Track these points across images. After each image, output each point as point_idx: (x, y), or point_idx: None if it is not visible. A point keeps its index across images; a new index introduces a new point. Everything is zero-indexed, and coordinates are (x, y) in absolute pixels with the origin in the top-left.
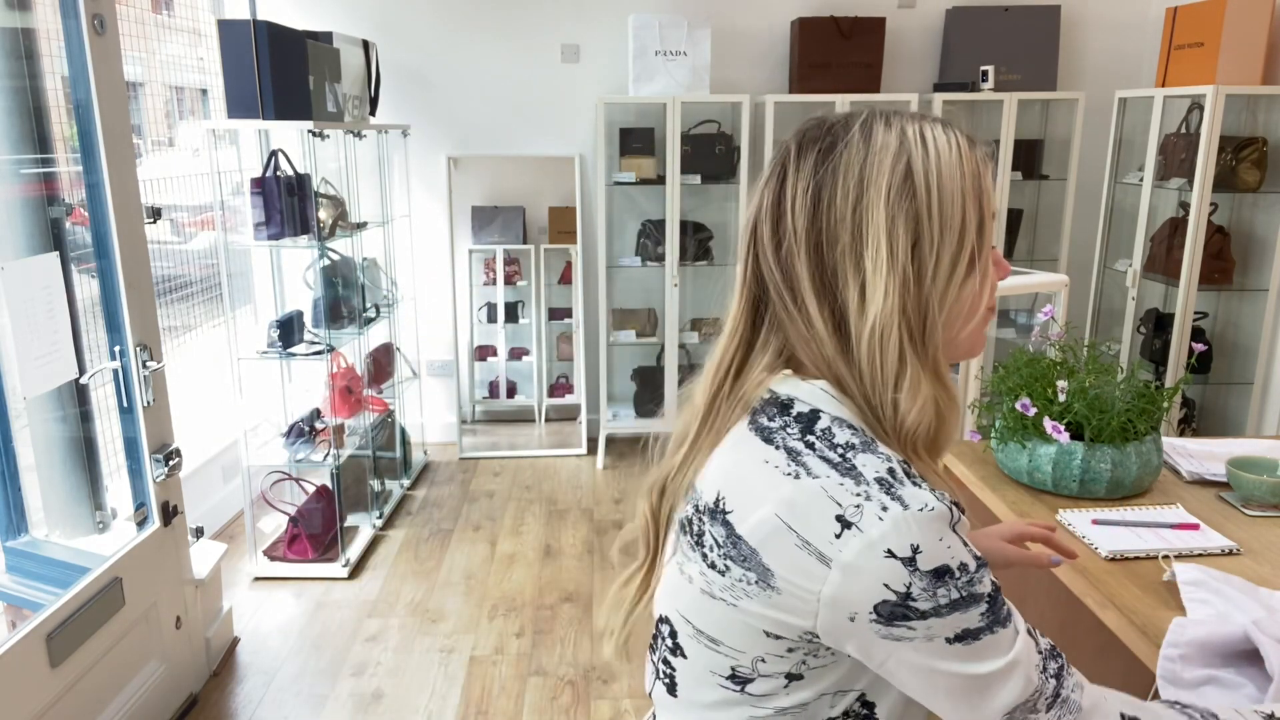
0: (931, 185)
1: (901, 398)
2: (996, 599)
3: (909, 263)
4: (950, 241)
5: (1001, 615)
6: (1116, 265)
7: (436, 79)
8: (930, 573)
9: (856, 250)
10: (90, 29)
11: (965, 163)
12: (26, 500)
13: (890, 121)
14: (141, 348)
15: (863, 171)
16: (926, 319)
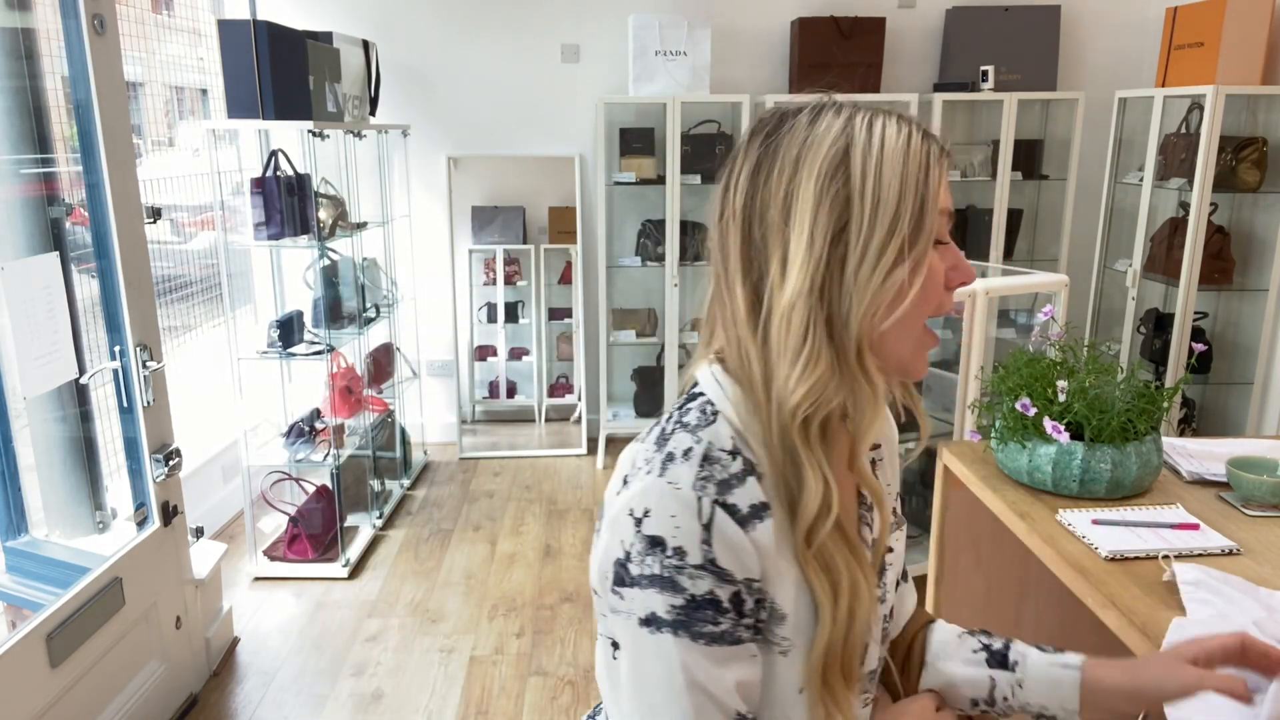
0: (869, 170)
1: (793, 376)
2: (702, 613)
3: (833, 244)
4: (880, 228)
5: (695, 630)
6: (1116, 265)
7: (436, 79)
8: (647, 538)
9: (783, 227)
10: (90, 29)
11: (912, 154)
12: (26, 500)
13: (841, 110)
14: (141, 348)
15: (800, 150)
16: (845, 304)
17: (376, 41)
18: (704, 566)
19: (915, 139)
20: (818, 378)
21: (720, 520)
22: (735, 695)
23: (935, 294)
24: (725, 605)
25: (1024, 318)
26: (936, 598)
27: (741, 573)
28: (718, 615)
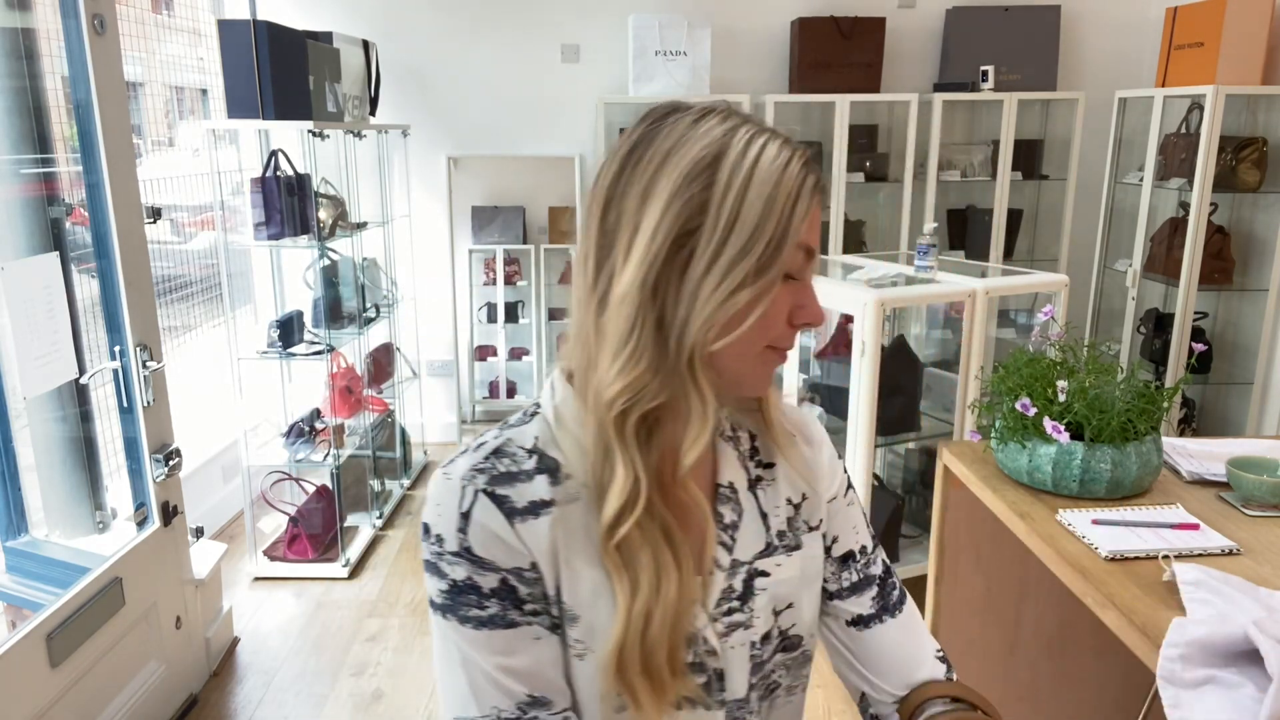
0: (733, 184)
1: (613, 369)
2: (465, 598)
3: (676, 246)
4: (732, 247)
5: (461, 614)
6: (1116, 265)
7: (436, 79)
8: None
9: (635, 216)
10: (90, 29)
11: (785, 181)
12: (26, 500)
13: (729, 118)
14: (141, 348)
15: (673, 145)
16: (679, 310)
17: (376, 41)
18: (460, 554)
19: (793, 167)
20: (636, 375)
21: (481, 509)
22: (511, 678)
23: (774, 327)
24: (487, 592)
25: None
26: (936, 598)
27: (507, 562)
28: (482, 600)
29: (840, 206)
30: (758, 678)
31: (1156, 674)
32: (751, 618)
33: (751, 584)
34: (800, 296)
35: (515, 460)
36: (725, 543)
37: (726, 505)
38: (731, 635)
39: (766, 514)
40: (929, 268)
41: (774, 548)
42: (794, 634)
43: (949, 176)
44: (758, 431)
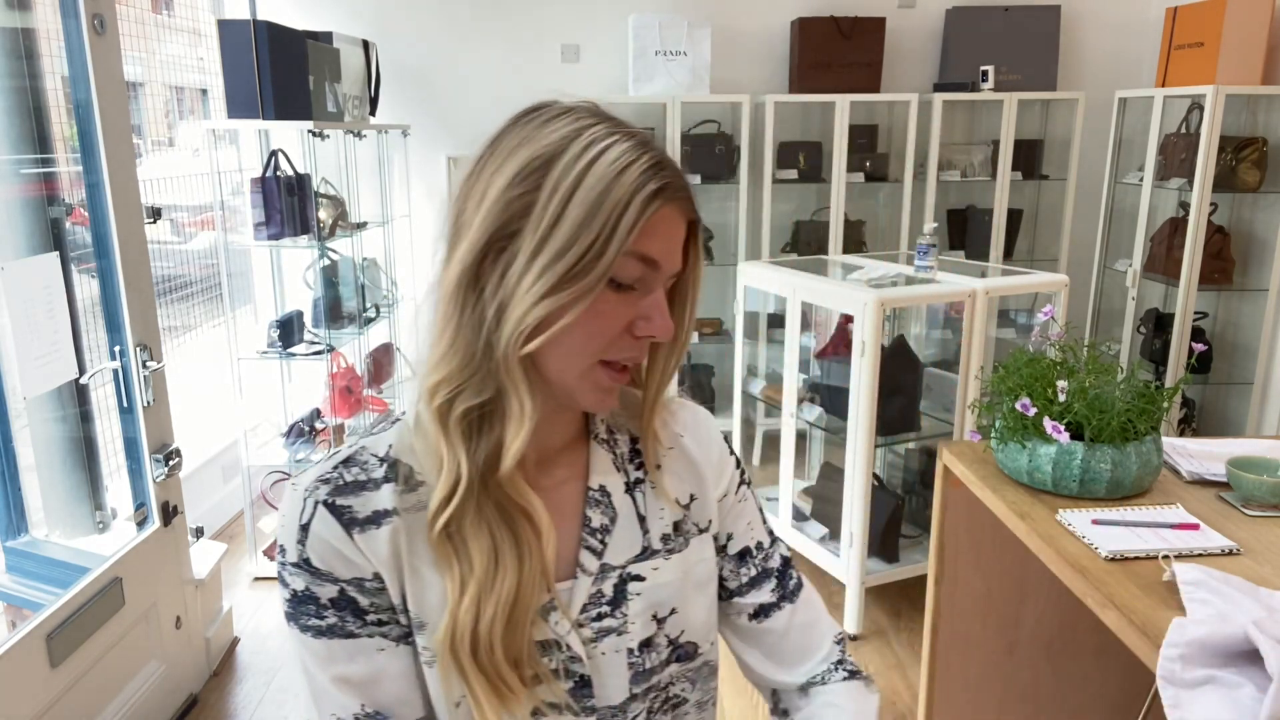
0: (560, 187)
1: (433, 359)
2: (304, 608)
3: (496, 244)
4: (550, 248)
5: (302, 623)
6: (1116, 265)
7: (436, 79)
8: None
9: (472, 215)
10: (90, 29)
11: (619, 187)
12: (26, 500)
13: (581, 119)
14: (141, 348)
15: (519, 144)
16: (496, 309)
17: (376, 41)
18: (299, 565)
19: (630, 173)
20: (451, 369)
21: (319, 521)
22: (347, 689)
23: (604, 336)
24: (325, 602)
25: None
26: (936, 598)
27: (346, 573)
28: (320, 610)
29: (840, 206)
30: (643, 687)
31: (1156, 674)
32: (625, 624)
33: (624, 589)
34: (643, 307)
35: (365, 469)
36: (593, 547)
37: (596, 509)
38: (602, 641)
39: (645, 517)
40: (929, 268)
41: (652, 551)
42: (686, 641)
43: (949, 176)
44: (641, 434)
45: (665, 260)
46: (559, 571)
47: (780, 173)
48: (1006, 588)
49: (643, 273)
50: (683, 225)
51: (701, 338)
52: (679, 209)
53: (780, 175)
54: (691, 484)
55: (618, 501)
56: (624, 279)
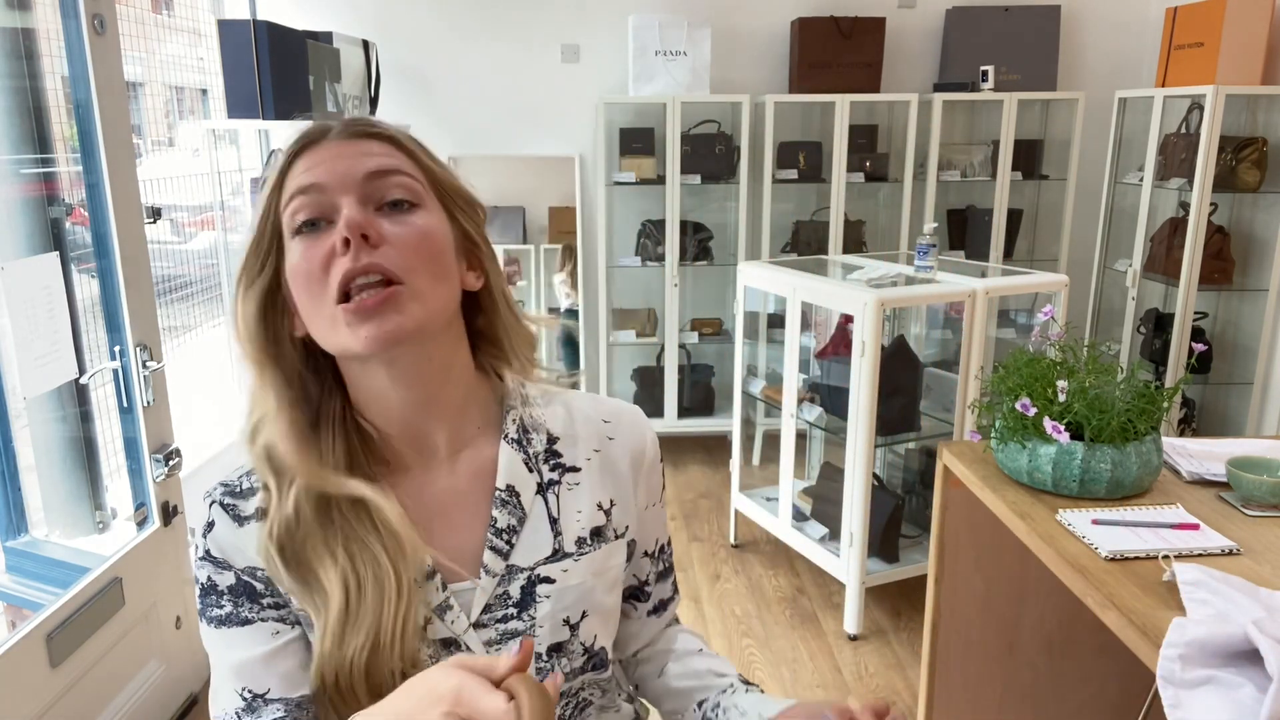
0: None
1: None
2: (208, 599)
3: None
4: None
5: (207, 614)
6: (1116, 265)
7: (436, 79)
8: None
9: None
10: (90, 29)
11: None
12: (26, 500)
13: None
14: (141, 348)
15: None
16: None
17: (376, 41)
18: (205, 558)
19: (278, 158)
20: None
21: (216, 516)
22: (239, 672)
23: (312, 274)
24: (224, 590)
25: (1024, 318)
26: (936, 598)
27: (240, 561)
28: (219, 599)
29: (840, 206)
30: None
31: (1156, 674)
32: (533, 627)
33: (532, 591)
34: (327, 238)
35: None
36: (498, 547)
37: (503, 509)
38: (507, 643)
39: (557, 519)
40: (929, 268)
41: (564, 554)
42: (599, 648)
43: (949, 176)
44: (562, 434)
45: (326, 177)
46: (461, 571)
47: (780, 173)
48: (1006, 588)
49: (312, 203)
50: (350, 145)
51: (701, 338)
52: (340, 139)
53: (780, 175)
54: (614, 490)
55: (527, 502)
56: (299, 220)
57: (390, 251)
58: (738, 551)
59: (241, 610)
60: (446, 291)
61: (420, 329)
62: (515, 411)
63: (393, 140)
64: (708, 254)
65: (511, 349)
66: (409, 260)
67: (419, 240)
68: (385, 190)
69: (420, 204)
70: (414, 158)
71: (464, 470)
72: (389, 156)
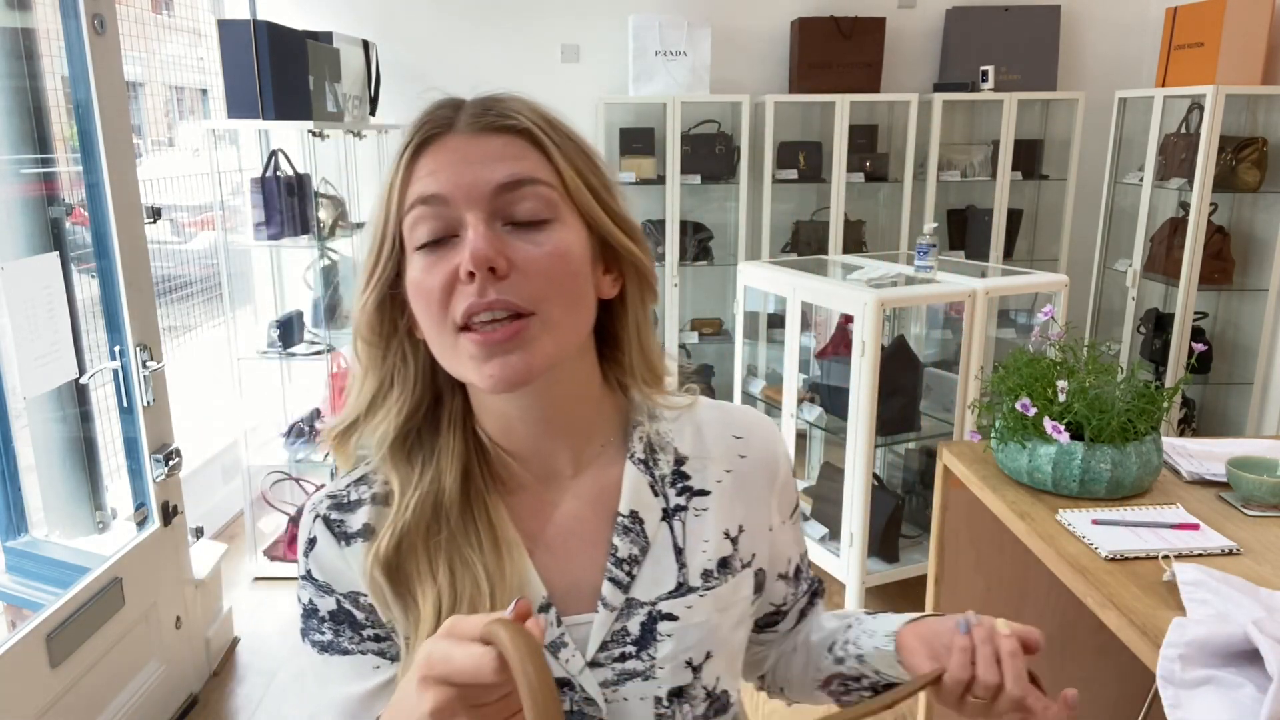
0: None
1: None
2: (310, 622)
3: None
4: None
5: (310, 638)
6: (1116, 265)
7: (436, 79)
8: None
9: None
10: (90, 29)
11: (392, 162)
12: (26, 500)
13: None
14: (141, 348)
15: None
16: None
17: (376, 41)
18: (306, 577)
19: (400, 144)
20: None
21: (320, 534)
22: (338, 708)
23: (432, 296)
24: (325, 615)
25: (1024, 318)
26: (936, 597)
27: (342, 586)
28: (320, 625)
29: (840, 206)
30: None
31: (1156, 674)
32: (653, 668)
33: (653, 628)
34: (451, 256)
35: (371, 485)
36: (618, 578)
37: (625, 537)
38: (624, 685)
39: (682, 549)
40: (929, 268)
41: (689, 588)
42: (721, 691)
43: (949, 176)
44: (691, 454)
45: (450, 189)
46: (578, 604)
47: (780, 173)
48: (1006, 588)
49: (434, 216)
50: (478, 146)
51: (701, 338)
52: (467, 134)
53: (780, 175)
54: (744, 514)
55: (651, 530)
56: (421, 237)
57: (520, 280)
58: None
59: (341, 640)
60: (581, 316)
61: (550, 365)
62: (642, 428)
63: (528, 134)
64: (708, 254)
65: (636, 364)
66: (541, 289)
67: (552, 264)
68: (516, 203)
69: (555, 217)
70: (550, 156)
71: (586, 492)
72: (521, 160)
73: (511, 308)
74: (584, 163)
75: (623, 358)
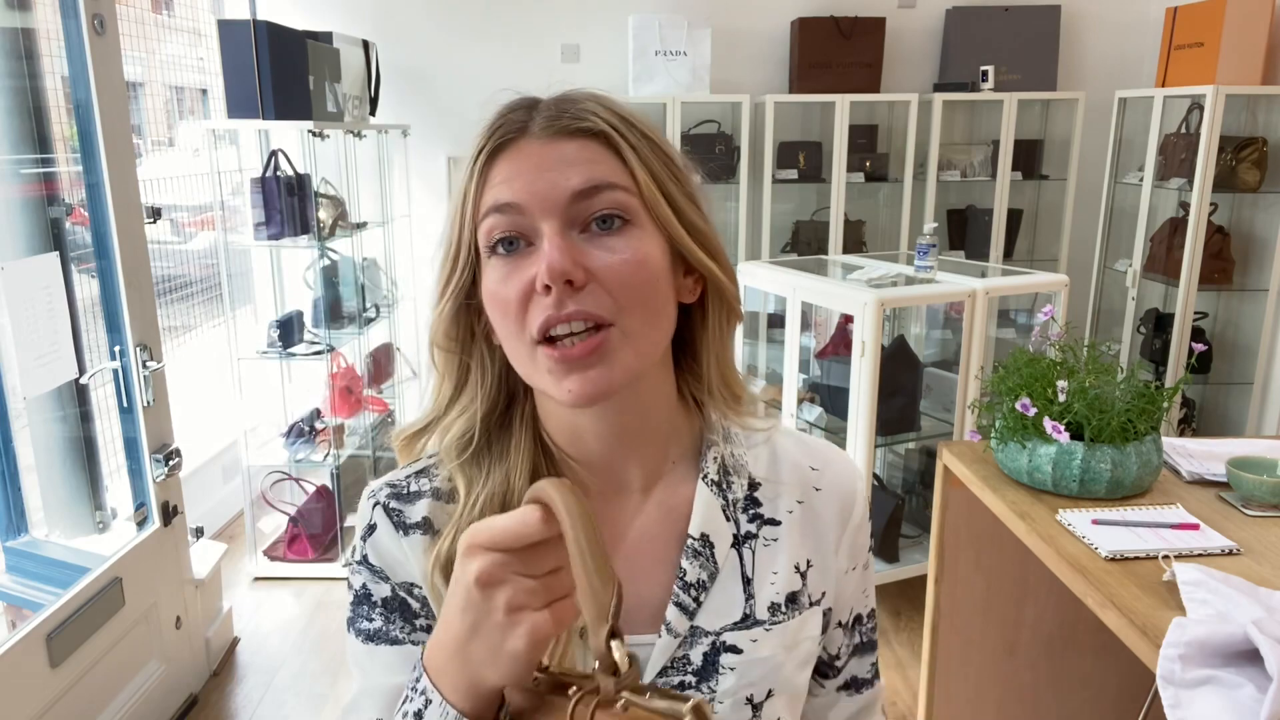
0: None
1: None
2: (360, 608)
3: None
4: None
5: (356, 625)
6: (1116, 265)
7: (436, 79)
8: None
9: None
10: (90, 29)
11: (468, 162)
12: (26, 500)
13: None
14: (141, 348)
15: None
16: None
17: (376, 41)
18: (362, 562)
19: (475, 144)
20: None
21: (379, 520)
22: (378, 696)
23: (507, 305)
24: (378, 602)
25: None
26: (936, 598)
27: (398, 574)
28: (371, 612)
29: (840, 206)
30: None
31: (1156, 674)
32: (712, 701)
33: (716, 660)
34: (507, 266)
35: (431, 478)
36: (684, 604)
37: (694, 560)
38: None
39: (752, 580)
40: (929, 268)
41: (755, 621)
42: None
43: (949, 176)
44: (765, 479)
45: (524, 196)
46: (639, 625)
47: (780, 173)
48: (1006, 588)
49: (507, 225)
50: (552, 151)
51: None
52: (541, 139)
53: (780, 175)
54: (814, 549)
55: (721, 555)
56: (491, 240)
57: (598, 290)
58: None
59: (392, 629)
60: (661, 326)
61: (631, 378)
62: (717, 449)
63: (604, 137)
64: None
65: (714, 380)
66: (620, 298)
67: (631, 272)
68: (592, 209)
69: (632, 220)
70: (626, 159)
71: (655, 509)
72: (597, 164)
73: (590, 318)
74: (661, 167)
75: (701, 371)
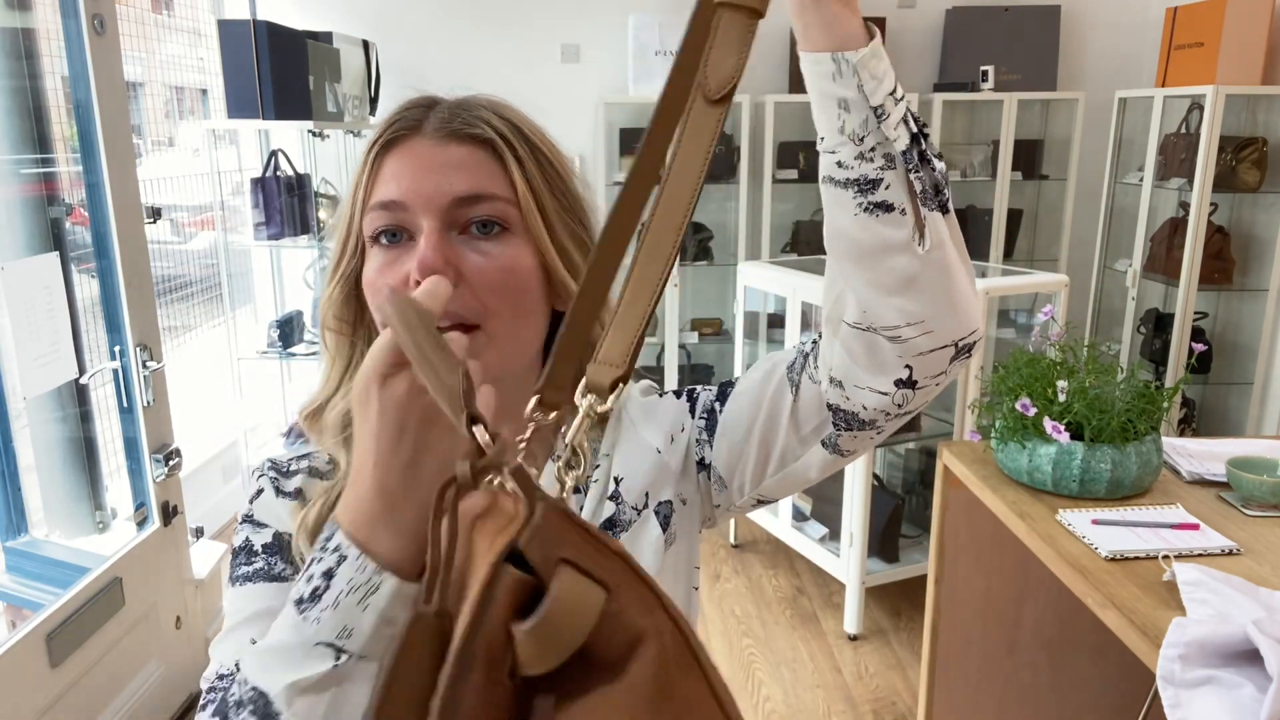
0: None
1: None
2: (238, 560)
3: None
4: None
5: (233, 575)
6: (1116, 265)
7: (436, 79)
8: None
9: None
10: (90, 29)
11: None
12: (26, 500)
13: None
14: (141, 348)
15: None
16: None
17: (376, 41)
18: (245, 519)
19: (371, 139)
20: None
21: (264, 485)
22: (254, 622)
23: (376, 294)
24: (258, 549)
25: (1024, 318)
26: (936, 598)
27: (281, 525)
28: (251, 558)
29: None
30: None
31: (1156, 674)
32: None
33: None
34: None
35: (312, 459)
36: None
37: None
38: None
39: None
40: None
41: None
42: None
43: (949, 176)
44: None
45: (409, 195)
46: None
47: (780, 173)
48: (1006, 588)
49: (390, 221)
50: (441, 154)
51: (701, 338)
52: (433, 139)
53: (780, 175)
54: (621, 465)
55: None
56: (374, 231)
57: (466, 293)
58: (738, 551)
59: (274, 567)
60: (531, 327)
61: (495, 377)
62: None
63: (492, 145)
64: (708, 254)
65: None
66: (489, 301)
67: (501, 278)
68: (471, 214)
69: (510, 228)
70: (509, 170)
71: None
72: (482, 172)
73: (456, 319)
74: (543, 182)
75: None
